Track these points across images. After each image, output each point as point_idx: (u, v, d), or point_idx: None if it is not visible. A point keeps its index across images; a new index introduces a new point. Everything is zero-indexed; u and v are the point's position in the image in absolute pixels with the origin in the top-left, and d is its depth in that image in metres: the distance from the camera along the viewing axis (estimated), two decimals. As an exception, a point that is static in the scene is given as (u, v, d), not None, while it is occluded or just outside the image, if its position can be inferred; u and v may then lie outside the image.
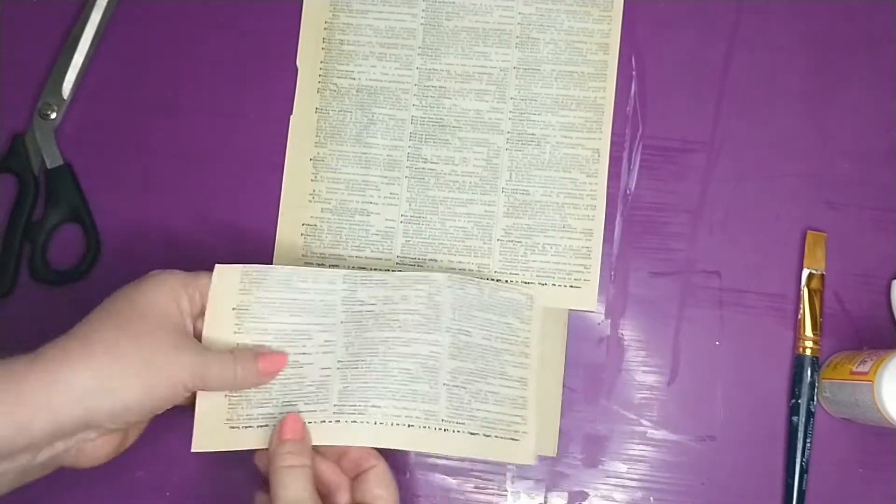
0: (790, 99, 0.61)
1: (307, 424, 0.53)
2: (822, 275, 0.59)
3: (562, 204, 0.61)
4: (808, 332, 0.58)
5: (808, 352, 0.58)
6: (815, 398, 0.58)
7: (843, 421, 0.58)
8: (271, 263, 0.61)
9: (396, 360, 0.54)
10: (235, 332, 0.54)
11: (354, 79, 0.62)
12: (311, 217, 0.61)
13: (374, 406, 0.53)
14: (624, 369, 0.59)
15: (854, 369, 0.54)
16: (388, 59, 0.62)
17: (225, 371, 0.51)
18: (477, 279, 0.57)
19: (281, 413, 0.53)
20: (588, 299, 0.60)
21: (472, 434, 0.54)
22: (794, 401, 0.58)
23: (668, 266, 0.60)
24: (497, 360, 0.56)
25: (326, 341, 0.55)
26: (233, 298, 0.54)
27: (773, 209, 0.60)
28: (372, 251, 0.61)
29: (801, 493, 0.57)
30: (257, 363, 0.52)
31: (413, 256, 0.61)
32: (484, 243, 0.61)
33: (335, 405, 0.53)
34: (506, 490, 0.59)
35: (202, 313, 0.53)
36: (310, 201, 0.61)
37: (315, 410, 0.53)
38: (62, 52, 0.62)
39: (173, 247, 0.61)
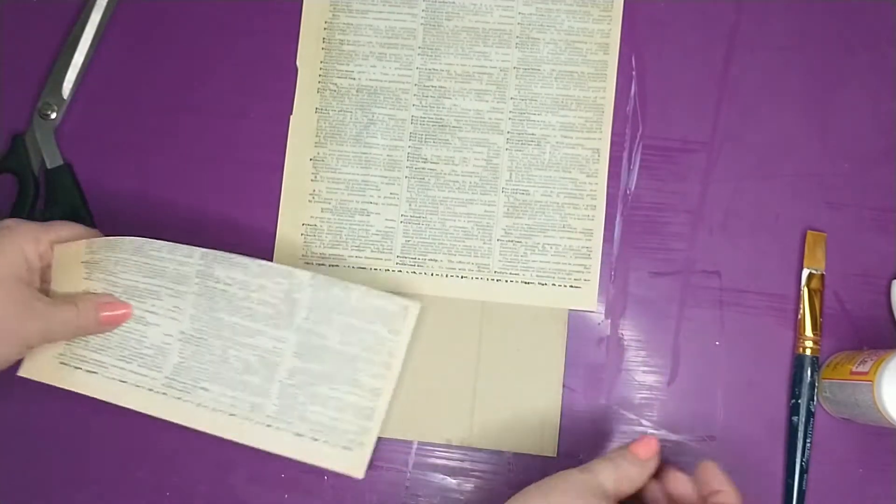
0: (790, 99, 0.61)
1: (135, 388, 0.55)
2: (822, 275, 0.59)
3: (562, 204, 0.61)
4: (808, 332, 0.58)
5: (808, 352, 0.58)
6: (815, 398, 0.58)
7: (843, 421, 0.58)
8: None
9: (236, 348, 0.55)
10: (85, 279, 0.55)
11: (354, 79, 0.62)
12: (311, 217, 0.61)
13: (202, 388, 0.55)
14: (624, 369, 0.59)
15: (854, 369, 0.54)
16: (388, 59, 0.62)
17: (67, 323, 0.53)
18: (346, 283, 0.55)
19: (114, 364, 0.55)
20: (588, 299, 0.60)
21: (297, 435, 0.55)
22: (794, 401, 0.58)
23: (668, 266, 0.60)
24: (350, 367, 0.55)
25: (175, 307, 0.55)
26: (82, 255, 0.55)
27: (773, 209, 0.60)
28: (372, 251, 0.61)
29: (801, 493, 0.57)
30: (99, 311, 0.54)
31: (413, 256, 0.61)
32: (484, 243, 0.61)
33: (166, 377, 0.55)
34: (506, 491, 0.59)
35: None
36: (310, 201, 0.61)
37: (146, 376, 0.55)
38: (62, 52, 0.62)
39: (173, 247, 0.61)
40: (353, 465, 0.55)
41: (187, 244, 0.56)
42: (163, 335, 0.55)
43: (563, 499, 0.47)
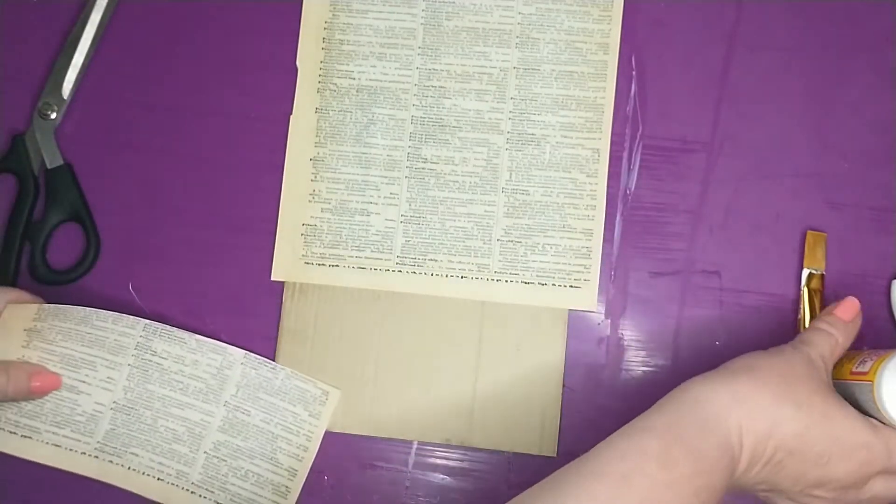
0: (790, 99, 0.61)
1: (69, 452, 0.57)
2: (822, 275, 0.59)
3: (562, 204, 0.61)
4: (808, 332, 0.58)
5: (808, 352, 0.58)
6: (816, 398, 0.58)
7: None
8: (271, 263, 0.61)
9: (166, 418, 0.58)
10: (23, 347, 0.57)
11: (354, 79, 0.62)
12: (311, 217, 0.61)
13: (133, 453, 0.57)
14: (624, 369, 0.59)
15: (854, 369, 0.54)
16: (388, 59, 0.62)
17: None
18: (274, 364, 0.59)
19: (47, 430, 0.57)
20: (588, 299, 0.60)
21: None
22: (794, 401, 0.58)
23: (668, 266, 0.60)
24: (270, 445, 0.58)
25: (109, 378, 0.58)
26: (27, 321, 0.57)
27: (773, 209, 0.60)
28: (372, 251, 0.61)
29: (802, 493, 0.57)
30: (31, 381, 0.56)
31: (413, 256, 0.61)
32: (484, 243, 0.61)
33: (98, 442, 0.57)
34: (505, 490, 0.59)
35: None
36: (310, 201, 0.61)
37: (79, 441, 0.57)
38: (62, 52, 0.62)
39: (173, 247, 0.61)
40: None
41: (132, 315, 0.58)
42: (95, 403, 0.57)
43: (800, 385, 0.46)
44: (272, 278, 0.61)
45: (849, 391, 0.54)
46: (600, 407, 0.59)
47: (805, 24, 0.62)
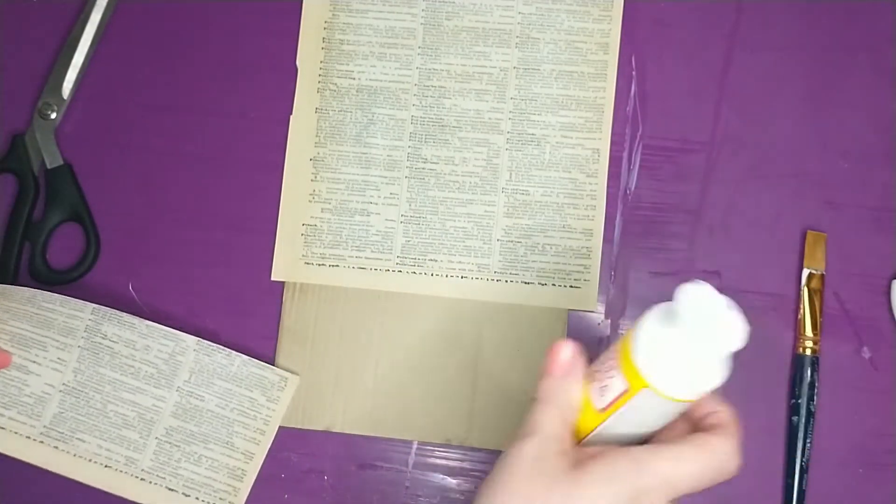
0: (790, 99, 0.61)
1: (13, 434, 0.56)
2: (822, 275, 0.59)
3: (562, 204, 0.61)
4: (808, 332, 0.58)
5: (808, 352, 0.58)
6: (815, 398, 0.58)
7: (843, 421, 0.58)
8: (271, 263, 0.61)
9: (116, 403, 0.57)
10: None
11: (354, 79, 0.62)
12: (311, 217, 0.61)
13: (79, 438, 0.57)
14: (624, 369, 0.59)
15: (601, 407, 0.44)
16: (388, 59, 0.62)
17: None
18: (230, 351, 0.58)
19: None
20: (588, 299, 0.60)
21: (170, 490, 0.57)
22: (794, 401, 0.58)
23: (668, 266, 0.60)
24: (225, 429, 0.58)
25: (59, 359, 0.57)
26: None
27: (773, 209, 0.60)
28: (372, 251, 0.61)
29: (801, 493, 0.57)
30: None
31: (413, 256, 0.61)
32: (484, 243, 0.61)
33: (45, 426, 0.56)
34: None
35: None
36: (310, 201, 0.61)
37: (24, 423, 0.56)
38: (62, 52, 0.62)
39: (173, 246, 0.61)
40: None
41: (80, 299, 0.57)
42: (44, 385, 0.57)
43: (534, 497, 0.41)
44: (272, 278, 0.61)
45: (615, 428, 0.45)
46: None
47: (805, 24, 0.62)
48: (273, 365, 0.59)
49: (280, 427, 0.59)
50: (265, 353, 0.60)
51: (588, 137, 0.61)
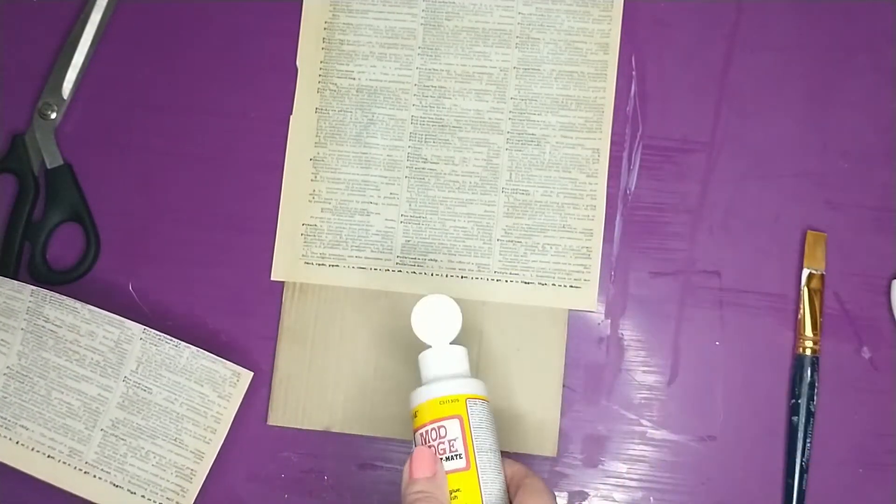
0: (790, 99, 0.61)
1: None
2: (822, 275, 0.59)
3: (562, 204, 0.61)
4: (808, 332, 0.58)
5: (808, 352, 0.58)
6: (815, 398, 0.58)
7: (843, 421, 0.58)
8: (271, 263, 0.61)
9: (60, 390, 0.56)
10: None
11: (354, 79, 0.62)
12: (311, 217, 0.61)
13: (22, 426, 0.55)
14: (624, 369, 0.59)
15: (455, 467, 0.49)
16: (388, 59, 0.62)
17: None
18: (178, 341, 0.57)
19: None
20: (588, 299, 0.60)
21: (115, 486, 0.56)
22: (794, 401, 0.58)
23: (668, 266, 0.60)
24: (174, 425, 0.56)
25: (3, 340, 0.56)
26: None
27: (773, 209, 0.60)
28: (372, 251, 0.61)
29: (801, 493, 0.57)
30: None
31: (413, 256, 0.61)
32: (484, 243, 0.61)
33: None
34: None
35: None
36: (310, 201, 0.61)
37: None
38: (62, 52, 0.62)
39: (173, 246, 0.61)
40: None
41: (18, 280, 0.57)
42: None
43: None
44: (272, 278, 0.61)
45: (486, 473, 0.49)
46: (600, 407, 0.59)
47: (805, 24, 0.62)
48: (228, 362, 0.57)
49: (280, 427, 0.59)
50: (265, 353, 0.60)
51: (588, 137, 0.61)
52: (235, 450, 0.59)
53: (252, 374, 0.58)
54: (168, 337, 0.57)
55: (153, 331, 0.57)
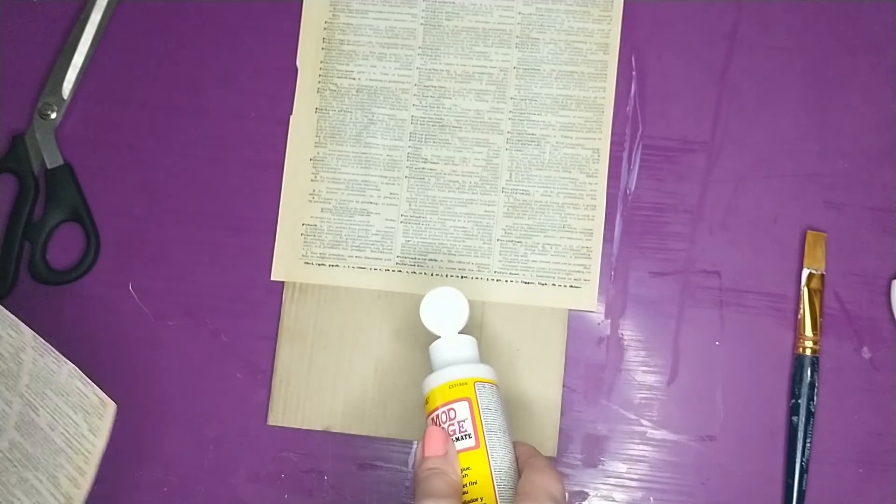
0: (790, 99, 0.61)
1: None
2: (822, 275, 0.59)
3: (562, 204, 0.61)
4: (808, 332, 0.58)
5: (808, 352, 0.58)
6: (815, 398, 0.58)
7: (843, 421, 0.58)
8: (271, 263, 0.61)
9: None
10: None
11: (354, 79, 0.62)
12: (311, 217, 0.61)
13: None
14: (624, 369, 0.59)
15: (465, 446, 0.50)
16: (388, 59, 0.62)
17: None
18: (59, 355, 0.50)
19: None
20: (588, 299, 0.60)
21: None
22: (794, 401, 0.58)
23: (668, 266, 0.60)
24: (53, 459, 0.50)
25: None
26: None
27: (773, 209, 0.60)
28: (372, 251, 0.61)
29: (801, 493, 0.57)
30: None
31: (413, 256, 0.61)
32: (484, 243, 0.61)
33: None
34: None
35: None
36: (310, 201, 0.61)
37: None
38: (62, 52, 0.62)
39: (173, 247, 0.61)
40: None
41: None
42: None
43: None
44: (272, 278, 0.61)
45: (495, 451, 0.50)
46: (600, 407, 0.59)
47: (805, 24, 0.62)
48: (96, 388, 0.51)
49: (280, 427, 0.59)
50: (265, 353, 0.60)
51: (588, 137, 0.61)
52: (235, 450, 0.59)
53: (115, 406, 0.51)
54: (52, 349, 0.50)
55: (42, 339, 0.50)
